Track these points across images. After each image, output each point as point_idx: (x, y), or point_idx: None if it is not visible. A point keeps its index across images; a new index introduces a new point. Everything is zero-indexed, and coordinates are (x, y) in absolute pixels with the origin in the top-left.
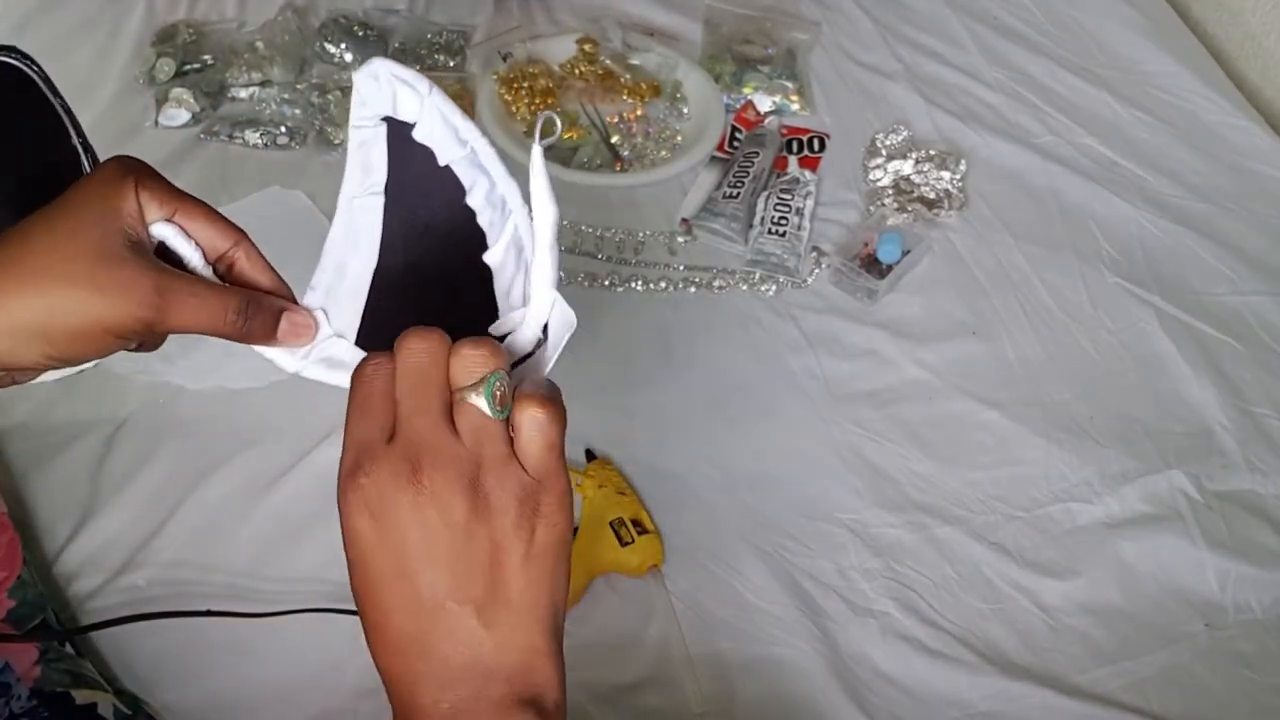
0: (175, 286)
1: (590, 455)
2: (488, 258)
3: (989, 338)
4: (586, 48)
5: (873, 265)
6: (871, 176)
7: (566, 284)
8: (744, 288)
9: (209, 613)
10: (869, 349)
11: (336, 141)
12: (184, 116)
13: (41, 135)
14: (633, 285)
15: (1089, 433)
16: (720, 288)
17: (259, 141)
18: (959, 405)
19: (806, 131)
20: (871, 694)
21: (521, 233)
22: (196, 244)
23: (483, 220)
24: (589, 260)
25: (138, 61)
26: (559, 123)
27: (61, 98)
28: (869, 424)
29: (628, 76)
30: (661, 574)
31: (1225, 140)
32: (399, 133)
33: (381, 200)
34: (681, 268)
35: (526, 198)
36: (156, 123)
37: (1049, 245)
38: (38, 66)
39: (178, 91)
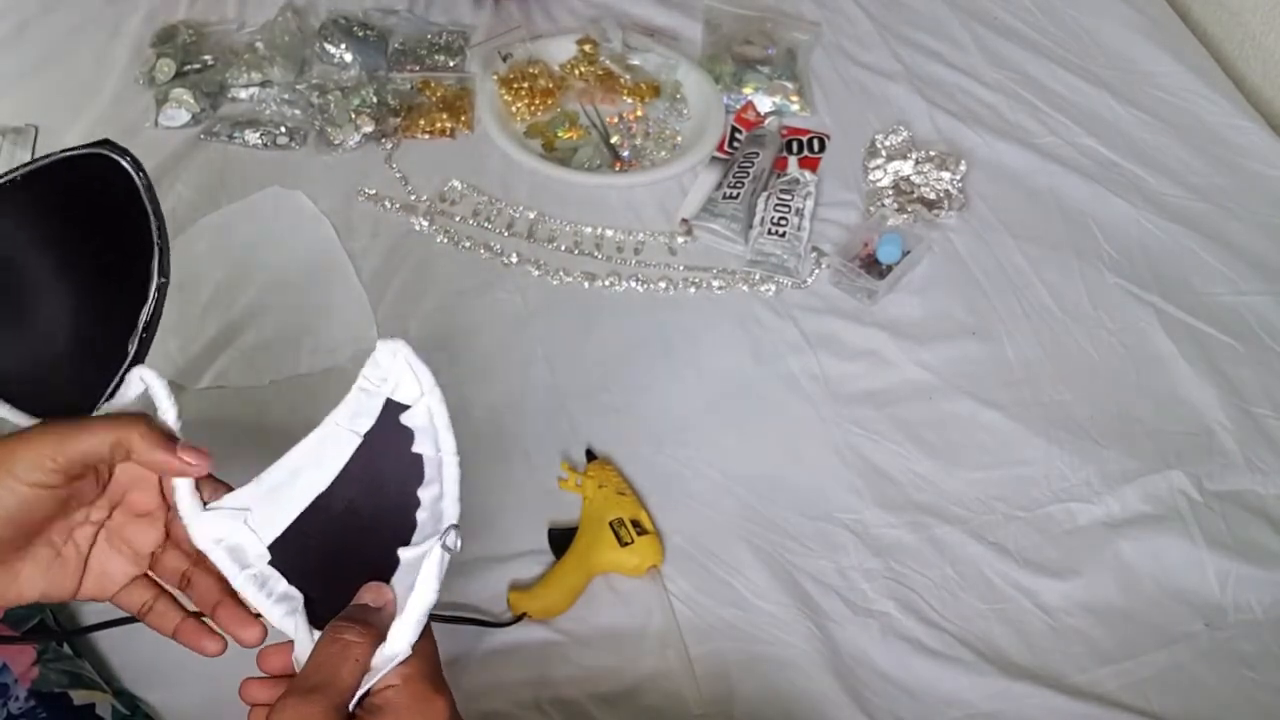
0: None
1: (590, 455)
2: (402, 553)
3: (989, 338)
4: (586, 48)
5: (873, 266)
6: (871, 177)
7: (568, 283)
8: (744, 288)
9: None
10: (869, 349)
11: (336, 141)
12: (184, 117)
13: (126, 233)
14: (633, 285)
15: (1089, 433)
16: (720, 288)
17: (259, 142)
18: (959, 405)
19: (806, 132)
20: (871, 694)
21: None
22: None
23: (420, 515)
24: (589, 260)
25: (138, 62)
26: (460, 543)
27: (156, 203)
28: (869, 424)
29: (628, 77)
30: (661, 574)
31: (1225, 140)
32: (395, 405)
33: (358, 442)
34: (681, 268)
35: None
36: (156, 123)
37: (1049, 245)
38: (144, 174)
39: (178, 92)
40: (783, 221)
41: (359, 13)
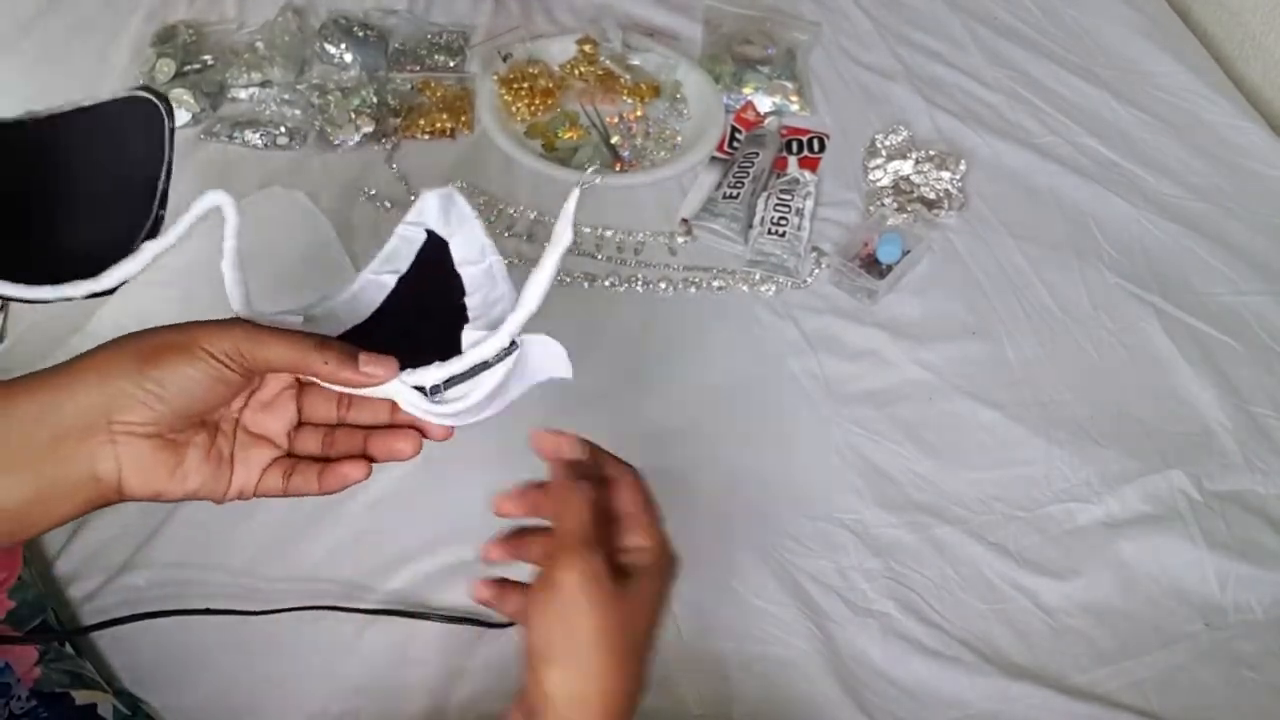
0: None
1: None
2: (466, 330)
3: (989, 338)
4: (586, 48)
5: (872, 265)
6: (871, 177)
7: (567, 283)
8: (744, 288)
9: (208, 610)
10: (869, 349)
11: (336, 141)
12: (184, 117)
13: (142, 174)
14: (633, 285)
15: (1089, 433)
16: (720, 288)
17: (259, 142)
18: (959, 405)
19: (806, 132)
20: (871, 694)
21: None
22: None
23: (473, 315)
24: (589, 260)
25: (138, 62)
26: (599, 180)
27: (172, 150)
28: (869, 424)
29: (628, 77)
30: None
31: (1225, 140)
32: (434, 241)
33: (394, 281)
34: (681, 268)
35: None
36: None
37: (1049, 245)
38: (173, 122)
39: (178, 92)
40: (783, 221)
41: (359, 13)
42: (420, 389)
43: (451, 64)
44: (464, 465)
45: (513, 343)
